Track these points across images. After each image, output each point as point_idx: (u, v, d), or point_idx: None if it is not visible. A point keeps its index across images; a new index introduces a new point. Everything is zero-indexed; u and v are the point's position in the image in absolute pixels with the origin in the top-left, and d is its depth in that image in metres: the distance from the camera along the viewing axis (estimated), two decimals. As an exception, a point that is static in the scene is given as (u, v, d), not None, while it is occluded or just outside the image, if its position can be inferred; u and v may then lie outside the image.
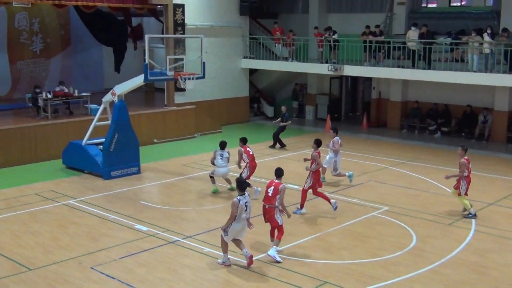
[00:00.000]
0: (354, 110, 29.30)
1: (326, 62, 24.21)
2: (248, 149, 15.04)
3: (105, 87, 27.05)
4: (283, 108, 21.71)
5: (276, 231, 11.12)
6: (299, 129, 25.74)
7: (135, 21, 28.02)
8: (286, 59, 25.93)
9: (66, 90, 21.09)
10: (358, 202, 14.68)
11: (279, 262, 10.74)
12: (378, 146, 22.03)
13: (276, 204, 10.97)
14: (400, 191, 15.82)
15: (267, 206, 11.07)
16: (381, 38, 22.91)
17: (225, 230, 10.39)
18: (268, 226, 11.44)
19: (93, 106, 20.87)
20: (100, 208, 13.97)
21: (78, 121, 19.83)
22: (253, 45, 26.92)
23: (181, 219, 13.14)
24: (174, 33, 23.04)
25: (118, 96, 16.86)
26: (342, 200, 14.80)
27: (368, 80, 26.82)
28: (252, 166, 15.04)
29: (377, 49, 22.93)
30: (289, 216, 11.32)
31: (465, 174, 13.29)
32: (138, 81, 16.42)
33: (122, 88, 16.89)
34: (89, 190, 15.68)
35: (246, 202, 10.38)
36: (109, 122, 17.44)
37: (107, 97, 17.31)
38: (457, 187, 13.52)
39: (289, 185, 16.07)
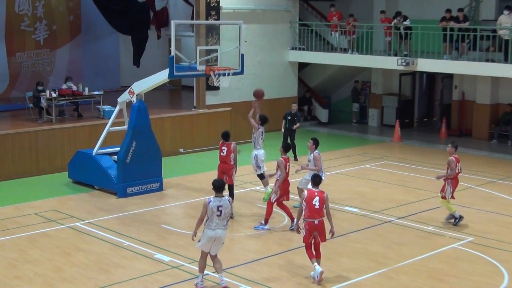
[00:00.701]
0: (430, 115, 28.92)
1: (395, 55, 23.99)
2: (223, 147, 15.04)
3: (122, 85, 27.40)
4: (295, 106, 21.35)
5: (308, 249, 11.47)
6: (360, 138, 25.55)
7: (159, 4, 28.34)
8: (344, 50, 25.80)
9: (74, 88, 21.42)
10: (435, 230, 14.43)
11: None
12: (461, 160, 21.50)
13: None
14: (488, 217, 15.50)
15: (316, 221, 11.35)
16: (465, 25, 22.58)
17: (194, 235, 10.89)
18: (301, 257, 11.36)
19: (107, 107, 21.13)
20: (112, 233, 14.09)
21: (88, 126, 20.12)
22: (304, 34, 26.89)
23: (212, 248, 13.14)
24: (207, 19, 23.19)
25: (137, 95, 17.02)
26: (415, 228, 14.60)
27: (449, 77, 26.45)
28: (219, 169, 15.08)
29: (460, 38, 22.61)
30: (333, 232, 11.62)
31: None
32: (161, 77, 16.54)
33: (142, 85, 17.04)
34: (100, 210, 15.85)
35: (220, 206, 10.66)
36: (125, 127, 17.63)
37: (124, 97, 17.50)
38: (442, 190, 14.65)
39: (346, 207, 15.97)
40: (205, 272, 11.22)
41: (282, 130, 21.16)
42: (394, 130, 24.94)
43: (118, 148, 17.38)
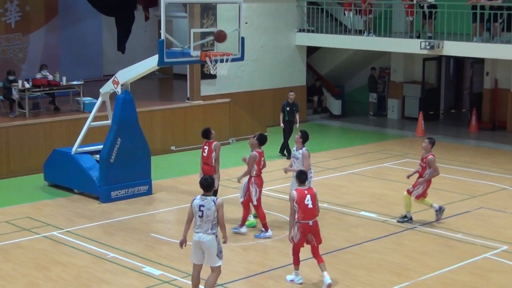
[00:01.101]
0: (458, 106, 28.89)
1: (418, 37, 23.97)
2: (205, 146, 15.32)
3: (105, 74, 27.41)
4: (292, 95, 21.24)
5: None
6: (378, 133, 25.53)
7: (146, -20, 28.35)
8: (360, 32, 25.78)
9: (50, 77, 21.45)
10: (464, 238, 14.43)
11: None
12: (494, 157, 21.65)
13: None
14: (525, 223, 15.53)
15: (311, 223, 11.66)
16: (498, 3, 22.54)
17: (182, 242, 10.99)
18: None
19: (88, 99, 21.16)
20: (95, 243, 14.09)
21: (67, 121, 20.14)
22: (313, 13, 26.86)
23: (209, 260, 13.15)
24: (201, -3, 23.20)
25: (122, 85, 17.02)
26: (441, 235, 14.60)
27: (479, 62, 26.43)
28: (202, 170, 15.36)
29: (492, 18, 22.57)
30: None
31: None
32: (150, 64, 16.54)
33: (128, 74, 17.04)
34: (80, 217, 15.85)
35: (202, 206, 10.67)
36: (109, 122, 17.65)
37: (107, 87, 17.49)
38: (414, 186, 15.06)
39: (362, 212, 15.98)
40: None
41: (282, 124, 21.05)
42: (417, 124, 24.92)
43: (101, 146, 17.38)
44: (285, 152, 21.19)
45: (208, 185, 10.85)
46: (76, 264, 13.00)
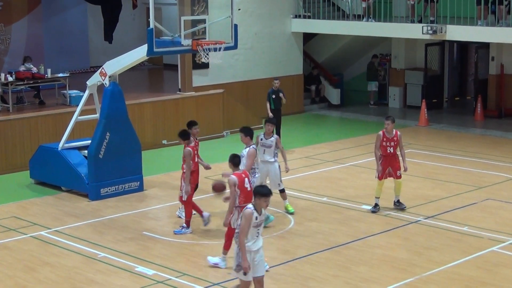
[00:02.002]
0: (462, 93, 28.93)
1: (420, 21, 23.99)
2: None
3: (91, 65, 27.40)
4: (277, 83, 21.19)
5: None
6: (379, 123, 25.46)
7: (133, -34, 28.32)
8: (359, 17, 25.79)
9: (34, 69, 21.45)
10: (470, 231, 14.49)
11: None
12: (500, 146, 21.70)
13: None
14: (534, 214, 15.59)
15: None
16: (503, -17, 22.62)
17: None
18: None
19: (74, 92, 21.18)
20: (85, 243, 14.12)
21: (53, 115, 20.15)
22: (309, -2, 26.91)
23: (204, 259, 13.21)
24: (192, -17, 23.20)
25: (110, 77, 17.03)
26: (446, 229, 14.66)
27: (484, 47, 26.46)
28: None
29: (498, 0, 22.60)
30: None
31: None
32: (138, 54, 16.56)
33: (116, 65, 17.05)
34: (69, 216, 15.88)
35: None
36: (97, 115, 17.68)
37: (94, 79, 17.51)
38: (398, 168, 15.54)
39: (364, 206, 16.05)
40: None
41: (270, 114, 20.89)
42: (419, 112, 24.97)
43: (89, 141, 17.41)
44: None
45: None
46: (66, 265, 13.04)
